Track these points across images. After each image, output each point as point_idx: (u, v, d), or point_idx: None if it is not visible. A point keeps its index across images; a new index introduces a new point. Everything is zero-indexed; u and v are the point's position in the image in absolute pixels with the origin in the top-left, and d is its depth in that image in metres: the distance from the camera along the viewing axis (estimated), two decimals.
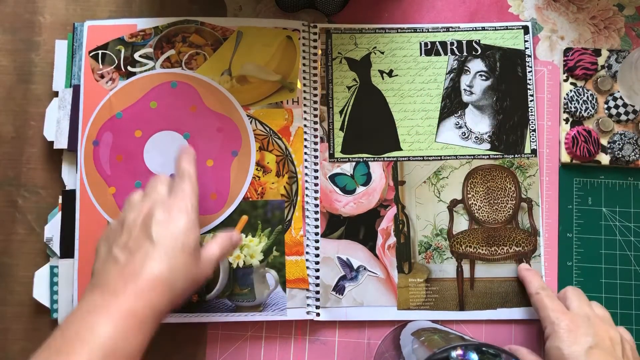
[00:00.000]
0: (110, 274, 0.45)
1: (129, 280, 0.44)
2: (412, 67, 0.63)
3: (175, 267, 0.45)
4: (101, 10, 0.63)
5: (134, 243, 0.46)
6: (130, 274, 0.44)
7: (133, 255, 0.45)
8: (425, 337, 0.51)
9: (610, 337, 0.51)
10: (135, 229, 0.47)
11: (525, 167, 0.61)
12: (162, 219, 0.47)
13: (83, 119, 0.60)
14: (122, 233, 0.47)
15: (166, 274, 0.45)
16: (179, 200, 0.48)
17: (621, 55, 0.62)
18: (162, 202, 0.48)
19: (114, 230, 0.48)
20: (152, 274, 0.44)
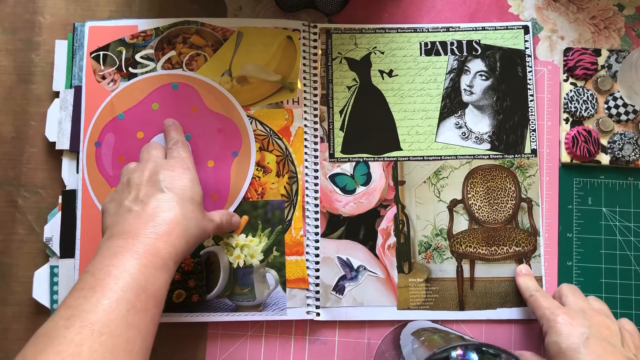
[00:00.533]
0: (126, 222, 0.47)
1: (147, 224, 0.46)
2: (412, 67, 0.63)
3: (187, 214, 0.48)
4: (101, 10, 0.63)
5: (145, 195, 0.48)
6: (147, 219, 0.46)
7: (146, 204, 0.48)
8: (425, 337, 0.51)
9: (608, 327, 0.51)
10: (143, 185, 0.49)
11: (525, 167, 0.61)
12: (167, 175, 0.50)
13: (85, 120, 0.60)
14: (130, 190, 0.49)
15: (180, 218, 0.48)
16: (179, 161, 0.52)
17: (621, 55, 0.62)
18: (163, 163, 0.52)
19: (120, 190, 0.51)
20: (169, 217, 0.47)
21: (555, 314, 0.51)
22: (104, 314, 0.40)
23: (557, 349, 0.49)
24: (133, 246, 0.44)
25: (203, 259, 0.59)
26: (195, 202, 0.50)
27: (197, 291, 0.58)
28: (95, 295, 0.41)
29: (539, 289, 0.57)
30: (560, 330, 0.50)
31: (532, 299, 0.55)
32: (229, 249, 0.59)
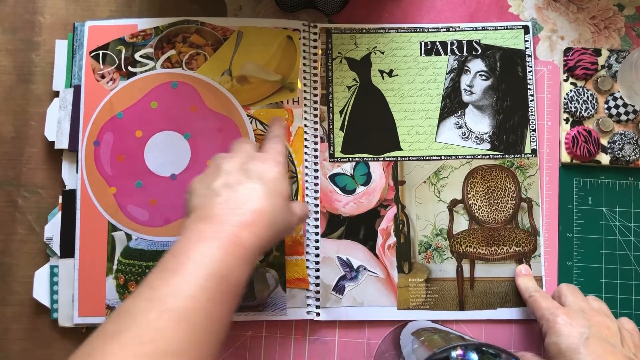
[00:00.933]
0: (214, 206, 0.46)
1: (234, 212, 0.45)
2: (412, 67, 0.63)
3: (275, 206, 0.47)
4: (101, 10, 0.63)
5: (234, 182, 0.47)
6: (235, 206, 0.45)
7: (235, 191, 0.47)
8: (425, 337, 0.51)
9: (607, 326, 0.51)
10: (233, 172, 0.48)
11: (525, 167, 0.61)
12: (258, 166, 0.49)
13: (84, 119, 0.60)
14: (220, 175, 0.48)
15: (267, 209, 0.46)
16: (272, 155, 0.51)
17: (621, 55, 0.62)
18: (255, 156, 0.51)
19: (210, 173, 0.49)
20: (256, 207, 0.46)
21: (555, 315, 0.51)
22: (185, 301, 0.39)
23: (557, 350, 0.49)
24: (218, 233, 0.43)
25: None
26: (283, 196, 0.49)
27: None
28: (176, 279, 0.40)
29: (539, 290, 0.57)
30: (560, 331, 0.50)
31: (532, 300, 0.55)
32: None
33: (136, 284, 0.58)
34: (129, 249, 0.58)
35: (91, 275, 0.58)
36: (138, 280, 0.58)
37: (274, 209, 0.47)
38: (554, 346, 0.50)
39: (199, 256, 0.42)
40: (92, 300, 0.58)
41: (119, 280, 0.58)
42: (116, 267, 0.58)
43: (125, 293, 0.58)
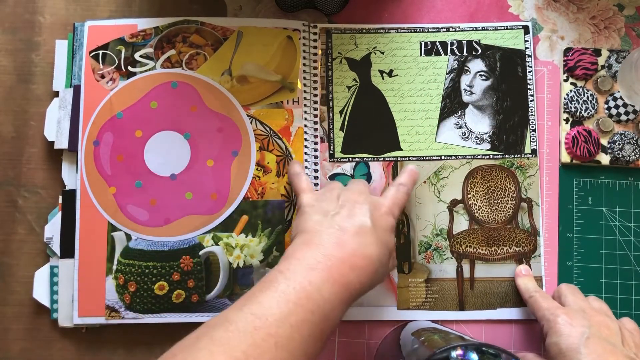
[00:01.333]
0: (328, 238, 0.46)
1: (347, 251, 0.45)
2: (412, 67, 0.63)
3: (381, 256, 0.47)
4: (101, 10, 0.63)
5: (351, 218, 0.47)
6: (348, 246, 0.45)
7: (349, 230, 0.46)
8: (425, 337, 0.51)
9: (608, 326, 0.51)
10: (353, 207, 0.48)
11: (525, 167, 0.61)
12: (374, 211, 0.49)
13: (83, 119, 0.60)
14: (337, 205, 0.49)
15: (376, 258, 0.46)
16: (390, 203, 0.51)
17: (621, 55, 0.62)
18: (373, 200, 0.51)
19: (326, 200, 0.50)
20: (367, 253, 0.46)
21: (555, 315, 0.51)
22: (289, 331, 0.40)
23: (558, 350, 0.49)
24: (330, 269, 0.43)
25: (202, 259, 0.59)
26: (389, 249, 0.49)
27: (197, 291, 0.58)
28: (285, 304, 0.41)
29: (539, 290, 0.57)
30: (560, 331, 0.50)
31: (532, 300, 0.55)
32: (228, 249, 0.59)
33: (136, 284, 0.58)
34: (129, 249, 0.58)
35: (91, 275, 0.58)
36: (138, 280, 0.58)
37: (380, 258, 0.47)
38: (555, 346, 0.50)
39: (309, 287, 0.42)
40: (91, 300, 0.58)
41: (119, 280, 0.58)
42: (116, 267, 0.58)
43: (125, 293, 0.58)
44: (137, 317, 0.58)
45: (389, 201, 0.52)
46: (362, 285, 0.45)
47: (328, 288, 0.43)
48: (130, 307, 0.58)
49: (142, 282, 0.58)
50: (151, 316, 0.58)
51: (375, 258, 0.46)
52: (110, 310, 0.58)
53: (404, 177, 0.55)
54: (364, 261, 0.45)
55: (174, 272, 0.58)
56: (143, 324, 0.58)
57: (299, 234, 0.48)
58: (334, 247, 0.45)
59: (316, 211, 0.49)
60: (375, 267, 0.46)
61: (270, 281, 0.43)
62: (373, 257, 0.46)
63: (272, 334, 0.39)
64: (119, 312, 0.58)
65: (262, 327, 0.39)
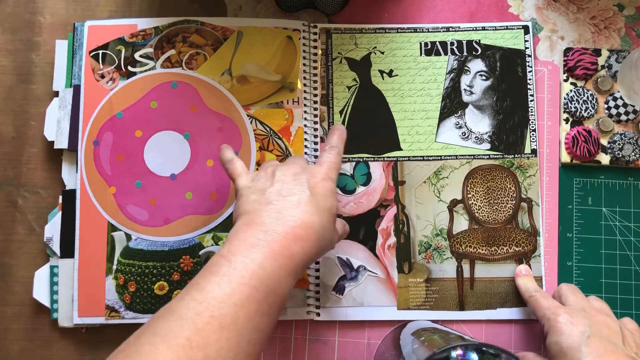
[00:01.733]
0: (266, 214, 0.45)
1: (287, 224, 0.45)
2: (412, 67, 0.63)
3: (324, 222, 0.47)
4: (101, 10, 0.63)
5: (288, 192, 0.47)
6: (288, 218, 0.45)
7: (288, 200, 0.46)
8: (425, 337, 0.51)
9: (609, 325, 0.51)
10: (287, 182, 0.48)
11: (525, 167, 0.61)
12: (310, 179, 0.49)
13: (83, 118, 0.60)
14: (273, 182, 0.48)
15: (318, 225, 0.46)
16: (326, 169, 0.51)
17: (621, 55, 0.62)
18: (308, 168, 0.50)
19: (262, 179, 0.49)
20: (308, 222, 0.46)
21: (556, 314, 0.51)
22: (234, 310, 0.40)
23: (559, 349, 0.49)
24: (270, 243, 0.43)
25: (202, 259, 0.59)
26: (331, 213, 0.48)
27: None
28: (229, 286, 0.40)
29: (539, 290, 0.57)
30: (561, 330, 0.50)
31: (532, 300, 0.55)
32: None
33: (136, 284, 0.58)
34: (129, 249, 0.58)
35: (91, 275, 0.58)
36: (138, 280, 0.58)
37: (323, 225, 0.47)
38: (556, 345, 0.50)
39: (251, 264, 0.42)
40: (91, 300, 0.58)
41: (119, 280, 0.58)
42: (116, 267, 0.58)
43: (125, 293, 0.58)
44: (137, 317, 0.58)
45: (324, 167, 0.51)
46: (308, 254, 0.45)
47: (271, 263, 0.42)
48: (130, 307, 0.58)
49: (142, 282, 0.58)
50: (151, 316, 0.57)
51: (317, 226, 0.46)
52: (110, 310, 0.58)
53: (334, 139, 0.55)
54: (306, 231, 0.45)
55: (174, 272, 0.58)
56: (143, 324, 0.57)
57: (239, 217, 0.47)
58: (274, 223, 0.45)
59: (253, 192, 0.48)
60: (318, 235, 0.46)
61: (212, 265, 0.42)
62: (315, 225, 0.46)
63: (216, 316, 0.39)
64: (119, 312, 0.58)
65: (204, 310, 0.39)
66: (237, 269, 0.41)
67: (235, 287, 0.40)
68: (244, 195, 0.49)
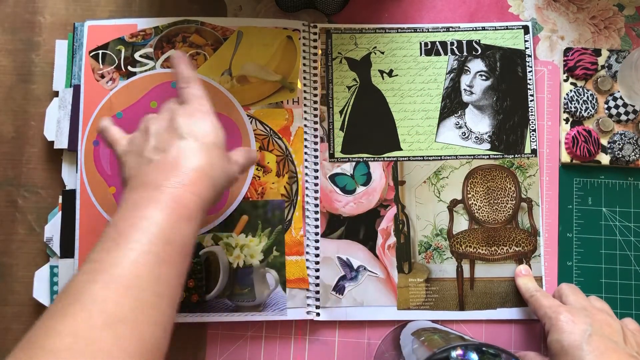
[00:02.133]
0: (148, 173, 0.44)
1: (170, 174, 0.43)
2: (412, 67, 0.63)
3: (212, 160, 0.45)
4: (101, 10, 0.63)
5: (166, 144, 0.45)
6: (170, 168, 0.43)
7: (167, 153, 0.45)
8: (425, 337, 0.51)
9: (610, 324, 0.51)
10: (162, 134, 0.46)
11: (525, 167, 0.61)
12: (186, 120, 0.46)
13: (83, 118, 0.60)
14: (149, 139, 0.46)
15: (205, 165, 0.44)
16: (196, 105, 0.48)
17: (621, 55, 0.62)
18: (180, 109, 0.48)
19: (138, 140, 0.47)
20: (193, 165, 0.44)
21: (558, 312, 0.51)
22: (131, 268, 0.38)
23: (560, 347, 0.49)
24: (157, 197, 0.42)
25: (202, 259, 0.59)
26: (218, 147, 0.47)
27: (197, 291, 0.58)
28: (119, 248, 0.39)
29: (539, 289, 0.57)
30: (562, 328, 0.50)
31: (533, 299, 0.55)
32: (228, 249, 0.59)
33: None
34: None
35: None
36: None
37: (212, 162, 0.45)
38: (557, 344, 0.50)
39: (140, 222, 0.40)
40: None
41: None
42: None
43: None
44: None
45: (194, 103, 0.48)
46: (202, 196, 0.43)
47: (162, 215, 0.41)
48: None
49: None
50: None
51: (204, 166, 0.44)
52: None
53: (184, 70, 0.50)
54: (192, 174, 0.43)
55: None
56: None
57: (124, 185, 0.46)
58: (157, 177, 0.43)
59: (132, 155, 0.46)
60: (209, 174, 0.44)
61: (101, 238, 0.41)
62: (201, 166, 0.44)
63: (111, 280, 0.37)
64: None
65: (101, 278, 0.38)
66: (126, 231, 0.40)
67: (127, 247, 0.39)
68: (125, 161, 0.47)
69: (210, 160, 0.45)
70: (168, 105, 0.49)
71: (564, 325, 0.50)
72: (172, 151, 0.44)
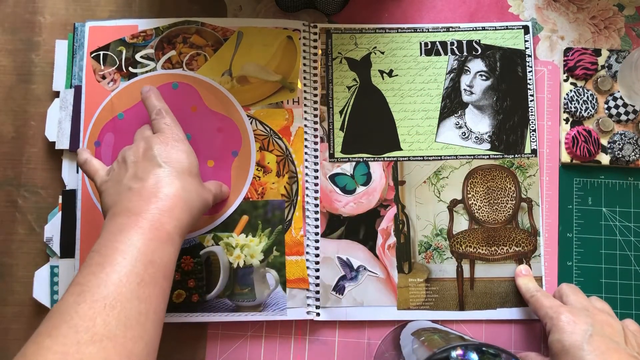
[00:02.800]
0: (128, 200, 0.46)
1: (149, 201, 0.46)
2: (412, 67, 0.63)
3: (187, 186, 0.49)
4: (101, 10, 0.63)
5: (143, 172, 0.48)
6: (149, 195, 0.46)
7: (145, 181, 0.47)
8: (425, 337, 0.51)
9: (611, 325, 0.51)
10: (139, 162, 0.49)
11: (525, 167, 0.61)
12: (162, 149, 0.50)
13: (85, 119, 0.60)
14: (127, 168, 0.49)
15: (181, 192, 0.48)
16: (169, 133, 0.52)
17: (621, 55, 0.62)
18: (154, 138, 0.51)
19: (117, 169, 0.51)
20: (170, 192, 0.47)
21: (558, 312, 0.51)
22: (115, 288, 0.41)
23: (561, 347, 0.49)
24: (137, 222, 0.44)
25: (203, 259, 0.59)
26: (193, 174, 0.50)
27: (197, 291, 0.58)
28: (104, 271, 0.41)
29: (540, 289, 0.57)
30: (563, 328, 0.50)
31: (534, 300, 0.55)
32: (229, 249, 0.59)
33: None
34: None
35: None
36: None
37: (187, 189, 0.48)
38: (558, 343, 0.50)
39: (122, 246, 0.43)
40: None
41: None
42: None
43: None
44: None
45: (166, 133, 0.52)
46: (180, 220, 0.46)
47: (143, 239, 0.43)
48: None
49: None
50: None
51: (180, 192, 0.47)
52: None
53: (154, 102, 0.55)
54: (170, 201, 0.46)
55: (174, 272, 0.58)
56: None
57: (105, 213, 0.48)
58: (136, 204, 0.46)
59: (111, 185, 0.49)
60: (184, 199, 0.47)
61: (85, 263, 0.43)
62: (177, 192, 0.47)
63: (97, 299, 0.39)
64: None
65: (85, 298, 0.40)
66: (109, 255, 0.42)
67: (111, 270, 0.41)
68: (104, 190, 0.50)
69: (185, 186, 0.48)
70: (142, 134, 0.53)
71: (565, 325, 0.50)
72: (150, 179, 0.47)
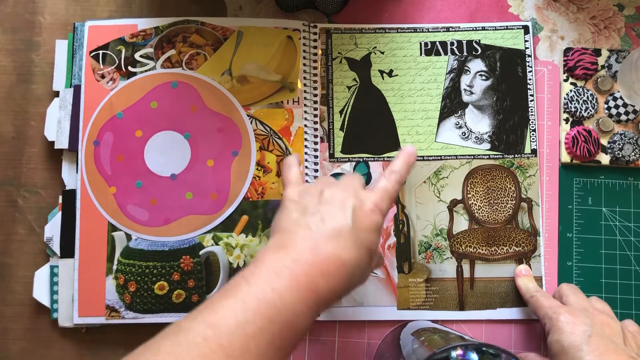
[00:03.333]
0: (301, 241, 0.43)
1: (318, 256, 0.42)
2: (412, 67, 0.63)
3: (359, 261, 0.44)
4: (101, 10, 0.63)
5: (330, 218, 0.44)
6: (321, 250, 0.42)
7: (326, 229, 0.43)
8: (425, 337, 0.51)
9: (610, 325, 0.51)
10: (333, 205, 0.45)
11: (525, 167, 0.61)
12: (358, 209, 0.45)
13: (84, 119, 0.60)
14: (319, 203, 0.45)
15: (351, 264, 0.43)
16: (377, 197, 0.47)
17: (621, 55, 0.62)
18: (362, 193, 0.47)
19: (310, 195, 0.46)
20: (341, 258, 0.42)
21: (558, 313, 0.51)
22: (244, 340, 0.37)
23: (560, 347, 0.49)
24: (296, 275, 0.40)
25: (202, 259, 0.59)
26: (370, 251, 0.45)
27: (197, 291, 0.58)
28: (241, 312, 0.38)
29: (539, 290, 0.57)
30: (562, 329, 0.50)
31: (533, 300, 0.55)
32: (228, 249, 0.59)
33: (136, 284, 0.58)
34: (129, 249, 0.58)
35: (91, 275, 0.58)
36: (138, 280, 0.58)
37: (357, 263, 0.43)
38: (557, 344, 0.50)
39: (270, 294, 0.39)
40: (92, 300, 0.58)
41: (119, 280, 0.58)
42: (116, 267, 0.58)
43: (125, 293, 0.58)
44: (137, 317, 0.58)
45: (377, 196, 0.47)
46: (334, 291, 0.42)
47: (292, 295, 0.39)
48: (131, 307, 0.58)
49: (142, 282, 0.58)
50: (151, 316, 0.58)
51: (351, 263, 0.43)
52: (111, 310, 0.58)
53: (398, 164, 0.49)
54: (336, 267, 0.42)
55: (174, 272, 0.58)
56: (143, 324, 0.58)
57: (274, 233, 0.45)
58: (305, 251, 0.42)
59: (296, 208, 0.46)
60: (349, 273, 0.43)
61: (231, 287, 0.40)
62: (348, 262, 0.42)
63: (224, 345, 0.36)
64: (119, 312, 0.58)
65: (213, 337, 0.36)
66: (257, 297, 0.39)
67: (249, 317, 0.38)
68: (287, 208, 0.46)
69: (357, 260, 0.43)
70: (355, 182, 0.48)
71: (564, 325, 0.50)
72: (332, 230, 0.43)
